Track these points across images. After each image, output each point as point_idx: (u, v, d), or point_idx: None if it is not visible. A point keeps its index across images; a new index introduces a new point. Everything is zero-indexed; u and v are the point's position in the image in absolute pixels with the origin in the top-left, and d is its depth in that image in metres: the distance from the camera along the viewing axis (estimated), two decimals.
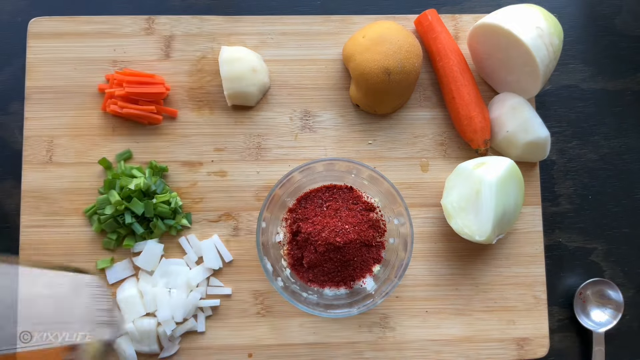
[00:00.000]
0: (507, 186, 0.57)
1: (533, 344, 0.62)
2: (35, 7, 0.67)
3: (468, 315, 0.62)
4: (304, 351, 0.61)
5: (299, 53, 0.65)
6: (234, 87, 0.61)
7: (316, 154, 0.64)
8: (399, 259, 0.57)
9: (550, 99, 0.69)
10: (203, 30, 0.65)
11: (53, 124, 0.62)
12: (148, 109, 0.61)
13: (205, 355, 0.60)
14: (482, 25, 0.60)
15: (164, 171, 0.62)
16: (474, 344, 0.62)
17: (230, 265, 0.62)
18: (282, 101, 0.64)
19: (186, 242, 0.61)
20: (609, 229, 0.68)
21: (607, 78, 0.70)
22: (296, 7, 0.69)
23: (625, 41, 0.71)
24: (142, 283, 0.59)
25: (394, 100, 0.63)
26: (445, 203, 0.60)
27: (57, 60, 0.63)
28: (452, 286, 0.63)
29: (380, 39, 0.59)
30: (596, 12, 0.72)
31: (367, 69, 0.59)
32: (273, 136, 0.64)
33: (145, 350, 0.58)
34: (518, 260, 0.64)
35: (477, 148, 0.63)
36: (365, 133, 0.64)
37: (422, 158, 0.65)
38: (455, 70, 0.63)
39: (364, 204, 0.60)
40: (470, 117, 0.62)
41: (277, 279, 0.55)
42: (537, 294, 0.63)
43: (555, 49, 0.58)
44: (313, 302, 0.56)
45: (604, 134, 0.69)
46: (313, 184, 0.60)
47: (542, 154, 0.64)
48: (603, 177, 0.69)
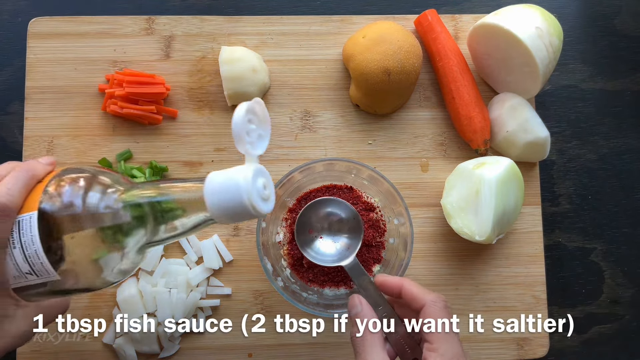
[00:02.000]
0: (507, 186, 0.57)
1: (533, 344, 0.62)
2: (35, 7, 0.67)
3: (468, 315, 0.62)
4: (304, 351, 0.61)
5: (299, 53, 0.65)
6: (234, 87, 0.61)
7: (316, 154, 0.64)
8: (399, 259, 0.57)
9: (550, 99, 0.69)
10: (203, 30, 0.65)
11: (53, 124, 0.62)
12: (148, 109, 0.61)
13: (205, 355, 0.60)
14: (481, 25, 0.60)
15: (164, 171, 0.62)
16: (474, 344, 0.62)
17: (230, 265, 0.62)
18: (282, 101, 0.64)
19: (186, 242, 0.61)
20: (609, 229, 0.68)
21: (606, 78, 0.70)
22: (296, 7, 0.69)
23: (624, 41, 0.71)
24: (142, 283, 0.59)
25: (394, 100, 0.63)
26: (445, 203, 0.60)
27: (57, 60, 0.63)
28: (452, 286, 0.63)
29: (380, 39, 0.60)
30: (596, 12, 0.72)
31: (367, 69, 0.59)
32: (273, 136, 0.64)
33: (145, 350, 0.58)
34: (518, 260, 0.64)
35: (477, 148, 0.63)
36: (365, 133, 0.64)
37: (422, 158, 0.65)
38: (455, 70, 0.63)
39: (364, 204, 0.60)
40: (470, 117, 0.62)
41: (277, 279, 0.55)
42: (537, 294, 0.63)
43: (555, 49, 0.58)
44: (313, 302, 0.56)
45: (603, 134, 0.69)
46: (313, 184, 0.60)
47: (542, 154, 0.64)
48: (603, 177, 0.69)
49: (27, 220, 0.38)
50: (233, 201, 0.36)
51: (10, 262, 0.38)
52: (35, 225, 0.38)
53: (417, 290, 0.41)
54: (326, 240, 0.53)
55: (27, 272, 0.38)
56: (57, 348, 0.59)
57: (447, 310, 0.40)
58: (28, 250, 0.38)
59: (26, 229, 0.38)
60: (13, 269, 0.38)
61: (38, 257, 0.38)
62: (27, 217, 0.38)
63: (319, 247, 0.53)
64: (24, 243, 0.38)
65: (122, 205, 0.39)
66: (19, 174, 0.40)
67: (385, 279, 0.44)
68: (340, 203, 0.54)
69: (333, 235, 0.54)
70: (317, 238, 0.54)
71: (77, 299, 0.59)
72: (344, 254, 0.52)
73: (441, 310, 0.39)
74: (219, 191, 0.36)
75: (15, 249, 0.38)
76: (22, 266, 0.38)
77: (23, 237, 0.38)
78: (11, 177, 0.39)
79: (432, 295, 0.40)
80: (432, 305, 0.39)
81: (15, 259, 0.38)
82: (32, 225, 0.38)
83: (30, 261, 0.38)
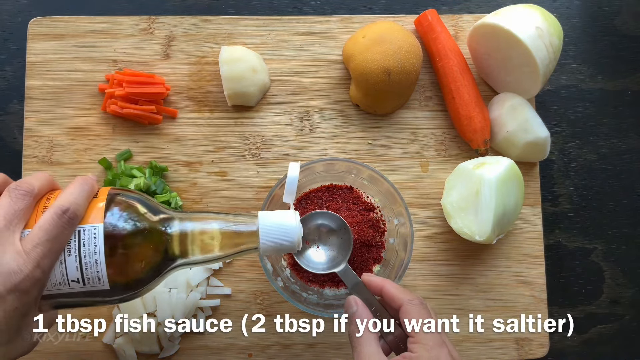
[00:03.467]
0: (507, 186, 0.57)
1: (533, 344, 0.62)
2: (35, 7, 0.67)
3: (468, 315, 0.62)
4: (304, 351, 0.61)
5: (299, 53, 0.65)
6: (234, 87, 0.61)
7: (316, 154, 0.64)
8: (399, 259, 0.57)
9: (550, 99, 0.69)
10: (203, 30, 0.65)
11: (53, 124, 0.62)
12: (148, 109, 0.61)
13: (205, 355, 0.60)
14: (482, 25, 0.60)
15: (164, 171, 0.62)
16: (474, 344, 0.62)
17: (230, 265, 0.62)
18: (282, 101, 0.64)
19: None
20: (609, 229, 0.68)
21: (606, 78, 0.70)
22: (296, 7, 0.69)
23: (624, 41, 0.71)
24: None
25: (394, 100, 0.63)
26: (445, 203, 0.60)
27: (57, 60, 0.63)
28: (452, 286, 0.63)
29: (380, 39, 0.59)
30: (596, 12, 0.72)
31: (367, 69, 0.59)
32: (273, 136, 0.64)
33: (145, 350, 0.58)
34: (518, 260, 0.64)
35: (477, 148, 0.63)
36: (365, 133, 0.64)
37: (422, 158, 0.65)
38: (455, 70, 0.63)
39: (364, 204, 0.60)
40: (470, 117, 0.62)
41: (277, 279, 0.55)
42: (537, 294, 0.63)
43: (555, 49, 0.58)
44: (313, 302, 0.56)
45: (603, 134, 0.69)
46: (313, 184, 0.60)
47: (542, 154, 0.64)
48: (603, 177, 0.69)
49: (92, 230, 0.40)
50: (285, 240, 0.45)
51: (57, 269, 0.39)
52: (102, 236, 0.40)
53: (396, 291, 0.46)
54: (320, 250, 0.55)
55: (75, 279, 0.40)
56: (57, 348, 0.59)
57: (424, 306, 0.45)
58: (86, 259, 0.39)
59: (90, 238, 0.40)
60: (57, 275, 0.40)
61: (97, 266, 0.40)
62: (91, 227, 0.40)
63: (311, 255, 0.54)
64: (83, 252, 0.39)
65: (179, 230, 0.43)
66: (83, 186, 0.41)
67: (369, 278, 0.49)
68: (329, 214, 0.55)
69: (325, 244, 0.55)
70: (312, 247, 0.54)
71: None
72: (336, 260, 0.53)
73: (418, 307, 0.44)
74: (273, 231, 0.45)
75: (69, 257, 0.39)
76: (70, 273, 0.39)
77: (84, 247, 0.39)
78: (76, 188, 0.41)
79: (409, 295, 0.45)
80: (409, 303, 0.44)
81: (65, 266, 0.39)
82: (97, 236, 0.40)
83: (84, 269, 0.39)
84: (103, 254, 0.40)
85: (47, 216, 0.39)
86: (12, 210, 0.38)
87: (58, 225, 0.38)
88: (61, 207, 0.39)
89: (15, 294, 0.37)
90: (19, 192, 0.39)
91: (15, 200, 0.39)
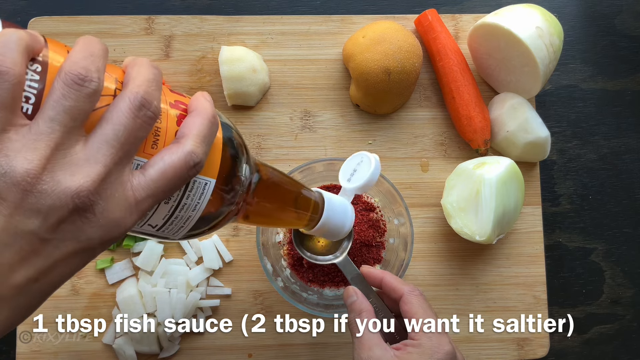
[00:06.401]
0: (507, 186, 0.57)
1: (533, 344, 0.62)
2: (35, 7, 0.67)
3: (468, 315, 0.62)
4: (304, 351, 0.61)
5: (299, 53, 0.65)
6: (234, 87, 0.61)
7: (316, 154, 0.64)
8: (399, 259, 0.57)
9: (550, 99, 0.69)
10: (203, 30, 0.65)
11: None
12: None
13: (205, 355, 0.60)
14: (482, 25, 0.60)
15: None
16: (474, 344, 0.62)
17: (230, 265, 0.61)
18: (282, 101, 0.64)
19: (186, 242, 0.61)
20: (609, 229, 0.68)
21: (606, 78, 0.70)
22: (296, 6, 0.69)
23: (625, 41, 0.71)
24: (142, 283, 0.59)
25: (394, 100, 0.63)
26: (445, 203, 0.60)
27: None
28: (452, 286, 0.63)
29: (380, 39, 0.59)
30: (596, 12, 0.72)
31: (367, 69, 0.59)
32: (273, 136, 0.64)
33: (145, 350, 0.58)
34: (518, 260, 0.64)
35: (477, 148, 0.63)
36: (365, 133, 0.64)
37: (422, 158, 0.65)
38: (455, 70, 0.63)
39: (364, 204, 0.60)
40: (470, 117, 0.62)
41: (277, 279, 0.55)
42: (537, 294, 0.63)
43: (555, 49, 0.58)
44: (313, 302, 0.56)
45: (603, 134, 0.69)
46: (313, 184, 0.60)
47: (542, 154, 0.64)
48: (603, 177, 0.69)
49: (201, 185, 0.33)
50: (341, 220, 0.46)
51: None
52: (209, 194, 0.33)
53: (396, 282, 0.48)
54: (321, 241, 0.54)
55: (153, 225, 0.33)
56: (57, 348, 0.59)
57: (423, 297, 0.47)
58: (180, 212, 0.33)
59: (196, 193, 0.33)
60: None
61: (185, 221, 0.34)
62: (202, 181, 0.33)
63: (311, 246, 0.54)
64: (182, 205, 0.33)
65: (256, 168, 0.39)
66: (212, 136, 0.33)
67: (369, 270, 0.50)
68: None
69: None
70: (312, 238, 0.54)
71: (77, 299, 0.59)
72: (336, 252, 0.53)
73: (418, 297, 0.46)
74: (335, 208, 0.45)
75: (165, 204, 0.32)
76: (154, 219, 0.32)
77: (186, 199, 0.33)
78: (207, 130, 0.32)
79: (408, 286, 0.47)
80: (410, 293, 0.46)
81: (154, 211, 0.32)
82: (205, 193, 0.33)
83: (171, 220, 0.33)
84: (200, 212, 0.33)
85: (176, 161, 0.30)
86: (133, 138, 0.28)
87: (182, 178, 0.30)
88: (193, 156, 0.30)
89: (104, 246, 0.29)
90: (147, 116, 0.29)
91: (140, 127, 0.28)
